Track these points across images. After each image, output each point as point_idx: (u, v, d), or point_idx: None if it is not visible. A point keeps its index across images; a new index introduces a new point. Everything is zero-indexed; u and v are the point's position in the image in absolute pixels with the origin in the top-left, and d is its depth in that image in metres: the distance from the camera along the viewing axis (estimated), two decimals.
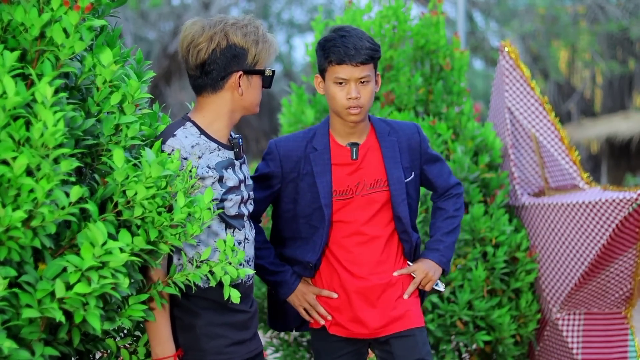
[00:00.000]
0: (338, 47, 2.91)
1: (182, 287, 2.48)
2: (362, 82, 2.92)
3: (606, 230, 3.98)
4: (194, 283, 2.52)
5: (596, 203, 4.01)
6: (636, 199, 3.87)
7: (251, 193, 2.78)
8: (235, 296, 2.45)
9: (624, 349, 4.27)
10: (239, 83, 2.67)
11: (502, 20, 16.51)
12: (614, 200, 3.94)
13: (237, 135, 2.78)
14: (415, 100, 4.53)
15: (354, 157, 3.00)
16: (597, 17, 15.54)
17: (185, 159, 2.55)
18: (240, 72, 2.67)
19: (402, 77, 4.48)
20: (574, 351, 4.30)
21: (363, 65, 2.90)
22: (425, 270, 3.06)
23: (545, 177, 4.57)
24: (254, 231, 2.80)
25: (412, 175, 3.06)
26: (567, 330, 4.33)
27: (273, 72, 2.75)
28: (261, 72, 2.70)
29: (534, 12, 15.98)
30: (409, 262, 3.09)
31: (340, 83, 2.92)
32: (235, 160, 2.72)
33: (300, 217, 3.03)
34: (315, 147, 3.01)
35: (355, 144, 3.00)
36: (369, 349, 3.16)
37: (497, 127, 4.74)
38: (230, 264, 2.46)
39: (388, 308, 3.01)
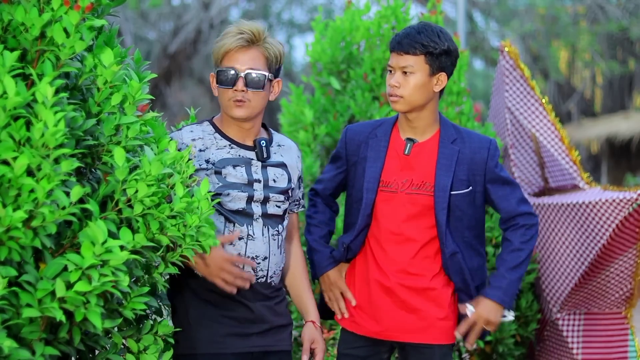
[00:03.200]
0: (394, 37, 2.96)
1: (181, 265, 2.49)
2: (405, 73, 2.91)
3: (606, 230, 3.98)
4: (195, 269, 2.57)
5: (596, 203, 4.01)
6: (636, 199, 3.87)
7: (273, 195, 2.80)
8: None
9: (624, 349, 4.27)
10: (212, 83, 2.83)
11: (502, 20, 16.51)
12: (614, 200, 3.93)
13: (260, 138, 2.85)
14: None
15: (406, 152, 2.98)
16: (597, 17, 15.54)
17: (180, 150, 2.67)
18: (212, 74, 2.82)
19: None
20: (574, 351, 4.30)
21: (407, 55, 2.90)
22: (486, 317, 2.98)
23: (545, 177, 4.57)
24: (271, 231, 2.81)
25: (468, 189, 2.98)
26: (567, 330, 4.32)
27: (219, 70, 2.76)
28: (215, 72, 2.80)
29: (534, 12, 15.98)
30: (467, 305, 3.00)
31: (390, 71, 2.96)
32: (253, 161, 2.79)
33: (354, 202, 3.05)
34: (376, 134, 3.03)
35: (412, 140, 2.99)
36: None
37: (497, 127, 4.74)
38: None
39: (414, 314, 2.98)
